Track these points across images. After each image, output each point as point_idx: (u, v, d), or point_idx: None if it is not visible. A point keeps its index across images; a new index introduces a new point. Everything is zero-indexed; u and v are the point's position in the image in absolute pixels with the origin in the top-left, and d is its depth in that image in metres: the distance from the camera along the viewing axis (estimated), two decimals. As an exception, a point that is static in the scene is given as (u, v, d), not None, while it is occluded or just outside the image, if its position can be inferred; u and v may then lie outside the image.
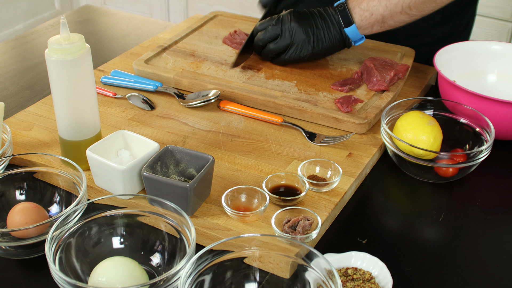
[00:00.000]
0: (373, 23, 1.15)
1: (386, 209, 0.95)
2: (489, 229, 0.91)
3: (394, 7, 1.12)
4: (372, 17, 1.14)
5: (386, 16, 1.13)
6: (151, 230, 0.82)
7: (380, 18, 1.14)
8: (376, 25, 1.15)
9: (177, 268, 0.71)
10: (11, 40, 1.48)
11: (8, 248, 0.81)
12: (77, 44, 0.87)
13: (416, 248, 0.87)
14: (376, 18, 1.14)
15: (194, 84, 1.16)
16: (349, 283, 0.78)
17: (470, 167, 0.97)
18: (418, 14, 1.13)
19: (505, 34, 2.51)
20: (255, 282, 0.77)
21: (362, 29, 1.16)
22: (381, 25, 1.15)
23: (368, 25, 1.15)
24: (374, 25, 1.15)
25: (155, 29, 1.52)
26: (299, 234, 0.81)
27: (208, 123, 1.08)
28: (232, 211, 0.84)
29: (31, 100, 1.20)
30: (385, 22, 1.14)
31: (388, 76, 1.13)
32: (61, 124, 0.93)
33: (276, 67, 1.20)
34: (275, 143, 1.03)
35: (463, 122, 1.04)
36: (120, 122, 1.08)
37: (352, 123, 1.04)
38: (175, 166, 0.90)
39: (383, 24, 1.15)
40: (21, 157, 0.95)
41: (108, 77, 1.20)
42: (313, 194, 0.91)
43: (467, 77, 1.19)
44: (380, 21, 1.14)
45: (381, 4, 1.12)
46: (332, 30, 1.15)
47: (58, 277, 0.70)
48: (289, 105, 1.08)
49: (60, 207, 0.89)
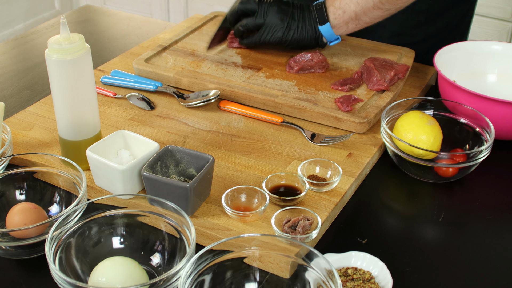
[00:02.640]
0: (347, 20, 1.15)
1: (386, 209, 0.95)
2: (489, 229, 0.91)
3: (366, 3, 1.11)
4: (345, 14, 1.14)
5: (359, 12, 1.13)
6: (151, 230, 0.82)
7: (353, 15, 1.14)
8: (351, 22, 1.15)
9: (177, 268, 0.71)
10: (11, 40, 1.48)
11: (8, 248, 0.81)
12: (77, 44, 0.87)
13: (416, 248, 0.87)
14: (349, 16, 1.14)
15: (194, 83, 1.16)
16: (349, 283, 0.78)
17: (470, 167, 0.97)
18: (393, 8, 1.13)
19: (505, 34, 2.51)
20: (255, 282, 0.77)
21: (337, 28, 1.16)
22: (356, 22, 1.15)
23: (343, 23, 1.15)
24: (349, 22, 1.15)
25: (155, 29, 1.52)
26: (299, 234, 0.81)
27: (208, 123, 1.08)
28: (232, 211, 0.84)
29: (31, 100, 1.20)
30: (359, 19, 1.14)
31: (388, 76, 1.13)
32: (61, 124, 0.93)
33: (276, 67, 1.20)
34: (275, 143, 1.03)
35: (463, 122, 1.04)
36: (120, 122, 1.08)
37: (352, 122, 1.04)
38: (175, 166, 0.90)
39: (357, 22, 1.15)
40: (21, 157, 0.95)
41: (108, 77, 1.20)
42: (313, 194, 0.91)
43: (467, 77, 1.19)
44: (354, 18, 1.14)
45: (352, 1, 1.12)
46: (307, 25, 1.16)
47: (58, 277, 0.70)
48: (289, 104, 1.08)
49: (60, 207, 0.89)
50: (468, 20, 1.40)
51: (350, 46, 1.28)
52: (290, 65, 1.19)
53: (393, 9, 1.13)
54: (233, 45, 1.27)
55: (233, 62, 1.22)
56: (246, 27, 1.20)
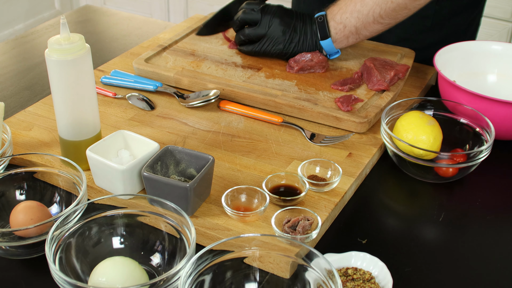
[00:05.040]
0: (347, 35, 1.16)
1: (386, 209, 0.95)
2: (489, 229, 0.91)
3: (366, 18, 1.12)
4: (346, 29, 1.15)
5: (359, 27, 1.14)
6: (151, 230, 0.82)
7: (354, 29, 1.15)
8: (351, 37, 1.16)
9: (177, 268, 0.71)
10: (11, 40, 1.48)
11: (9, 248, 0.81)
12: (77, 44, 0.87)
13: (416, 248, 0.87)
14: (350, 30, 1.15)
15: (194, 83, 1.16)
16: (349, 283, 0.78)
17: (470, 167, 0.97)
18: (392, 22, 1.14)
19: (505, 34, 2.51)
20: (255, 282, 0.77)
21: (338, 42, 1.17)
22: (356, 36, 1.16)
23: (343, 38, 1.17)
24: (349, 37, 1.16)
25: (155, 29, 1.52)
26: (299, 234, 0.81)
27: (208, 123, 1.08)
28: (232, 211, 0.84)
29: (31, 100, 1.20)
30: (360, 33, 1.16)
31: (388, 76, 1.13)
32: (61, 124, 0.93)
33: (276, 67, 1.20)
34: (275, 143, 1.03)
35: (463, 122, 1.04)
36: (120, 122, 1.08)
37: (352, 122, 1.04)
38: (175, 166, 0.90)
39: (358, 36, 1.16)
40: (21, 157, 0.95)
41: (108, 77, 1.20)
42: (313, 194, 0.91)
43: (467, 77, 1.19)
44: (354, 33, 1.16)
45: (353, 15, 1.13)
46: (308, 39, 1.17)
47: (58, 277, 0.70)
48: (289, 104, 1.08)
49: (60, 207, 0.89)
50: (475, 27, 1.39)
51: (350, 47, 1.28)
52: (290, 65, 1.19)
53: (393, 23, 1.14)
54: (233, 47, 1.27)
55: (233, 62, 1.22)
56: (248, 37, 1.20)
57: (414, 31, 1.32)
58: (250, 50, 1.22)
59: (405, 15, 1.12)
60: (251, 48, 1.21)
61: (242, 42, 1.22)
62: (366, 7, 1.11)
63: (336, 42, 1.17)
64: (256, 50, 1.21)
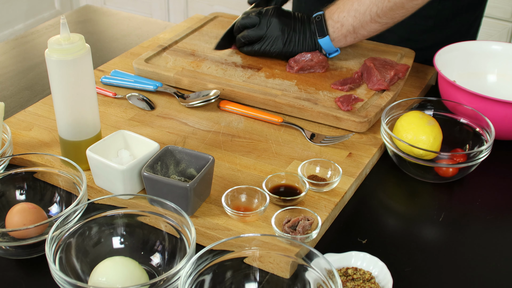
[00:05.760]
0: (345, 34, 1.16)
1: (386, 209, 0.95)
2: (489, 229, 0.91)
3: (363, 17, 1.13)
4: (343, 28, 1.16)
5: (357, 26, 1.15)
6: (151, 230, 0.82)
7: (351, 28, 1.15)
8: (349, 36, 1.17)
9: (177, 268, 0.71)
10: (11, 40, 1.48)
11: (8, 248, 0.81)
12: (77, 44, 0.87)
13: (416, 248, 0.87)
14: (347, 29, 1.16)
15: (194, 83, 1.16)
16: (349, 283, 0.78)
17: (470, 167, 0.97)
18: (390, 22, 1.14)
19: (505, 34, 2.50)
20: (255, 282, 0.77)
21: (336, 41, 1.18)
22: (354, 36, 1.17)
23: (341, 37, 1.17)
24: (347, 36, 1.17)
25: (155, 29, 1.52)
26: (299, 234, 0.81)
27: (208, 123, 1.08)
28: (232, 211, 0.84)
29: (31, 100, 1.20)
30: (357, 32, 1.16)
31: (388, 75, 1.13)
32: (61, 124, 0.93)
33: (276, 67, 1.20)
34: (275, 143, 1.03)
35: (463, 122, 1.04)
36: (120, 122, 1.08)
37: (352, 121, 1.04)
38: (175, 166, 0.90)
39: (355, 35, 1.17)
40: (21, 157, 0.95)
41: (108, 77, 1.20)
42: (313, 194, 0.91)
43: (467, 77, 1.19)
44: (352, 32, 1.16)
45: (350, 14, 1.14)
46: (307, 38, 1.18)
47: (58, 277, 0.70)
48: (289, 104, 1.09)
49: (60, 207, 0.89)
50: (476, 27, 1.40)
51: (350, 46, 1.28)
52: (290, 65, 1.19)
53: (390, 23, 1.14)
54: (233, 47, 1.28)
55: (233, 62, 1.22)
56: (248, 38, 1.21)
57: (417, 31, 1.32)
58: (250, 50, 1.22)
59: (403, 15, 1.13)
60: (251, 48, 1.21)
61: (242, 44, 1.23)
62: (363, 6, 1.12)
63: (334, 40, 1.18)
64: (256, 50, 1.21)
